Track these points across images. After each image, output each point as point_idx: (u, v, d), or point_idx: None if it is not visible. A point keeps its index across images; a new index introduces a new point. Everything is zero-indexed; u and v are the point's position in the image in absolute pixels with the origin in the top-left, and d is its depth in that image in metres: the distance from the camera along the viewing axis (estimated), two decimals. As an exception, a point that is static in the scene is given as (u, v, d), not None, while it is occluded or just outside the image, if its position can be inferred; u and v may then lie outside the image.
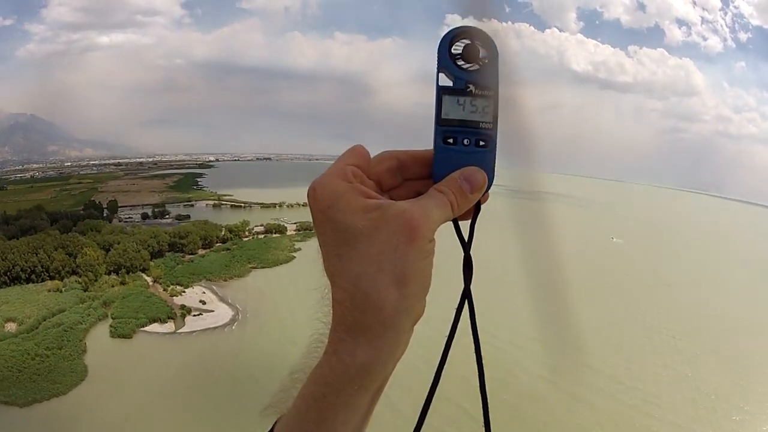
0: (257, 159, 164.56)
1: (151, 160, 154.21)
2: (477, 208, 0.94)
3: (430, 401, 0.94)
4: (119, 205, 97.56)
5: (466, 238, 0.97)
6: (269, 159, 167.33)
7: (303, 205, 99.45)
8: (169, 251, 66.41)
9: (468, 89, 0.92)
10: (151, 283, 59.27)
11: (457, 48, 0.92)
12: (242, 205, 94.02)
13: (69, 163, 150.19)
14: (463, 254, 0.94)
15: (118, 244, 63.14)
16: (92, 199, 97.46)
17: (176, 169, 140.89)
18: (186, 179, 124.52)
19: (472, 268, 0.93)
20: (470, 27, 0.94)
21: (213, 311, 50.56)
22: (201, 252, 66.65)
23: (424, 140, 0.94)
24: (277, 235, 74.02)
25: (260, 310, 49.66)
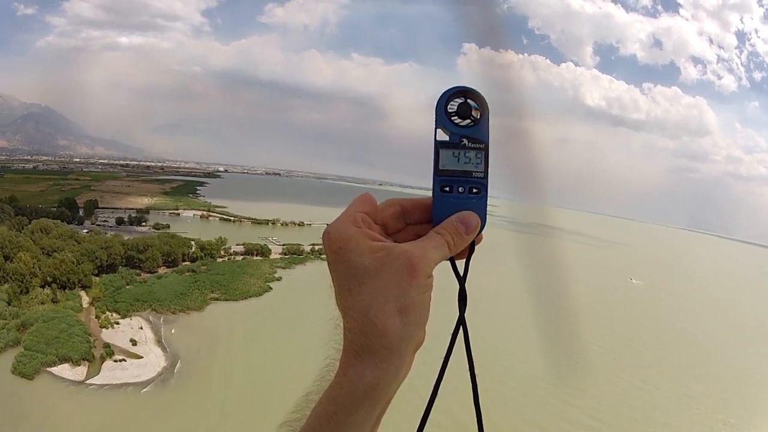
0: (266, 173, 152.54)
1: (159, 164, 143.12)
2: (471, 248, 0.99)
3: (429, 413, 0.99)
4: (101, 206, 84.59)
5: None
6: (278, 174, 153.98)
7: (299, 225, 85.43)
8: (125, 266, 52.19)
9: (462, 143, 0.97)
10: (85, 306, 44.91)
11: (452, 106, 0.97)
12: (232, 218, 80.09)
13: (78, 159, 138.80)
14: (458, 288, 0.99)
15: (61, 251, 49.17)
16: (73, 197, 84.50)
17: (182, 175, 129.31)
18: (185, 186, 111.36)
19: (467, 300, 0.98)
20: (463, 87, 0.98)
21: (141, 358, 35.80)
22: (162, 271, 52.28)
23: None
24: (258, 257, 59.33)
25: (202, 363, 34.76)
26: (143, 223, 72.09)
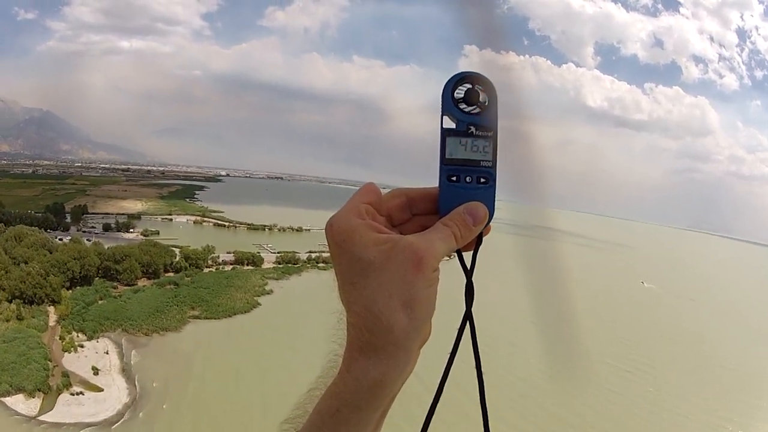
0: (268, 177, 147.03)
1: (160, 169, 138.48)
2: (479, 240, 0.95)
3: (434, 410, 0.95)
4: (92, 211, 79.87)
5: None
6: (280, 178, 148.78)
7: (297, 230, 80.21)
8: (101, 277, 47.13)
9: (469, 130, 0.93)
10: (52, 324, 39.85)
11: (459, 92, 0.92)
12: (227, 224, 74.95)
13: (79, 164, 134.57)
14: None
15: (31, 262, 44.18)
16: (63, 202, 79.79)
17: (182, 180, 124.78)
18: (183, 191, 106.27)
19: (474, 293, 0.94)
20: (471, 72, 0.94)
21: (101, 390, 30.61)
22: (141, 283, 47.13)
23: (436, 169, 0.94)
24: (249, 267, 54.04)
25: (169, 395, 29.50)
26: (131, 230, 67.13)
